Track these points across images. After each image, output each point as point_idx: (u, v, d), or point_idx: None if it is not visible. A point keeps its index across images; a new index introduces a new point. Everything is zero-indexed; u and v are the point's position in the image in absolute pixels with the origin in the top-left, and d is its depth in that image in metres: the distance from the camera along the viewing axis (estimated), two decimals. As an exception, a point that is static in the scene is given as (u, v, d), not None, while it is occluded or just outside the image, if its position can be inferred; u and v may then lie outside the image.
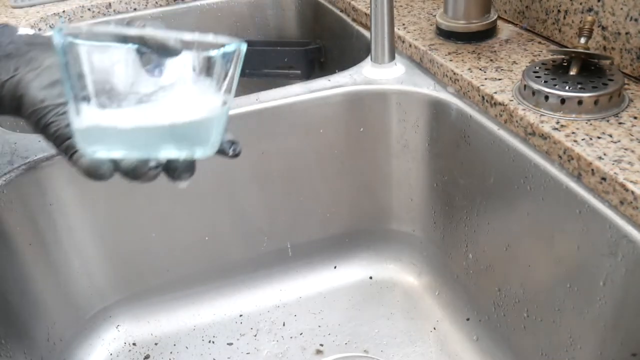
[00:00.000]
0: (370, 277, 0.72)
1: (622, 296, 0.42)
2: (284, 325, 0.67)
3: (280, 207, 0.68)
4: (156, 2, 0.96)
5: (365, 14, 0.78)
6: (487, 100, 0.54)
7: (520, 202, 0.51)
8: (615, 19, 0.53)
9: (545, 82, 0.49)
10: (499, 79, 0.55)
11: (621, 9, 0.52)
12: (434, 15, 0.71)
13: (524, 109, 0.50)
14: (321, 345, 0.64)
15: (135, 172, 0.37)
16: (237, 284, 0.71)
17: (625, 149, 0.43)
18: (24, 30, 0.43)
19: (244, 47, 0.35)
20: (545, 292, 0.50)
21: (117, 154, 0.35)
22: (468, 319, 0.63)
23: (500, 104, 0.52)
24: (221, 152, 0.40)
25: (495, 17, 0.63)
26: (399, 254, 0.73)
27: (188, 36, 0.35)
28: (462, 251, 0.62)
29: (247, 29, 1.01)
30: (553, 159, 0.47)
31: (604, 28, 0.55)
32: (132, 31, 0.35)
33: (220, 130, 0.37)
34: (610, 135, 0.45)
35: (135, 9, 0.95)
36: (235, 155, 0.41)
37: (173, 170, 0.38)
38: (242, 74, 0.36)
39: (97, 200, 0.60)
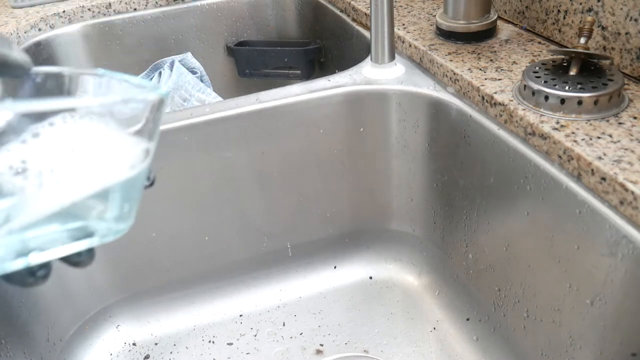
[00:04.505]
0: (370, 277, 0.72)
1: (621, 296, 0.42)
2: (284, 325, 0.67)
3: (280, 207, 0.68)
4: (156, 2, 0.96)
5: (365, 14, 0.78)
6: (487, 101, 0.54)
7: (520, 202, 0.51)
8: (615, 19, 0.53)
9: (545, 82, 0.49)
10: (499, 79, 0.55)
11: (621, 9, 0.52)
12: (434, 16, 0.71)
13: (523, 109, 0.50)
14: (321, 345, 0.64)
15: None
16: (237, 284, 0.71)
17: (625, 149, 0.43)
18: None
19: (164, 95, 0.27)
20: (545, 292, 0.50)
21: None
22: (468, 319, 0.63)
23: (500, 104, 0.52)
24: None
25: (495, 17, 0.63)
26: (399, 254, 0.73)
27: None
28: (462, 251, 0.62)
29: (247, 29, 1.01)
30: (553, 159, 0.47)
31: (603, 28, 0.55)
32: None
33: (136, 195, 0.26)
34: (610, 136, 0.45)
35: (135, 9, 0.95)
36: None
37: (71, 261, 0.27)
38: (242, 74, 0.31)
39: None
